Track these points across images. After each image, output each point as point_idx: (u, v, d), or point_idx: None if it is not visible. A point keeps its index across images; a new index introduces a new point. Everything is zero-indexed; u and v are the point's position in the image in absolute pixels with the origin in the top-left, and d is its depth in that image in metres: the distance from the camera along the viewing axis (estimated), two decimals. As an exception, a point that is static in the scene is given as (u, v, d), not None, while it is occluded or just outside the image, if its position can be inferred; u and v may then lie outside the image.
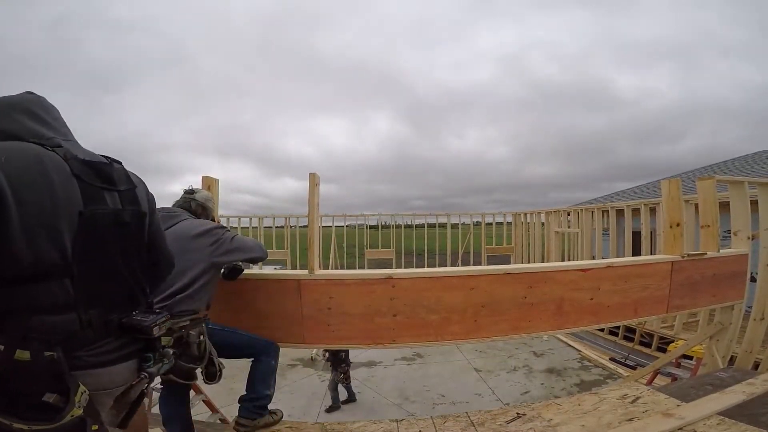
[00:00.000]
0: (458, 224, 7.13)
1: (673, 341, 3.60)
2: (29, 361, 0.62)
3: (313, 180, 1.57)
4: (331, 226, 6.98)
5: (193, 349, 1.23)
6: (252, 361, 1.49)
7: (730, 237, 2.41)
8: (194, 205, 1.56)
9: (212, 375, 1.31)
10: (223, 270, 1.48)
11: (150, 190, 0.87)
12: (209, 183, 1.88)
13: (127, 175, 0.83)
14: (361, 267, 6.73)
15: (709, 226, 2.16)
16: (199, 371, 1.25)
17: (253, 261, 1.47)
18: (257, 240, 1.57)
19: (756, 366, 2.51)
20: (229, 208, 6.94)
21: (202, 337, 1.28)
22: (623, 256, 4.38)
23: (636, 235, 4.47)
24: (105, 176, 0.77)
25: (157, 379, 1.04)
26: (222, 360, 1.37)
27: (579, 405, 1.52)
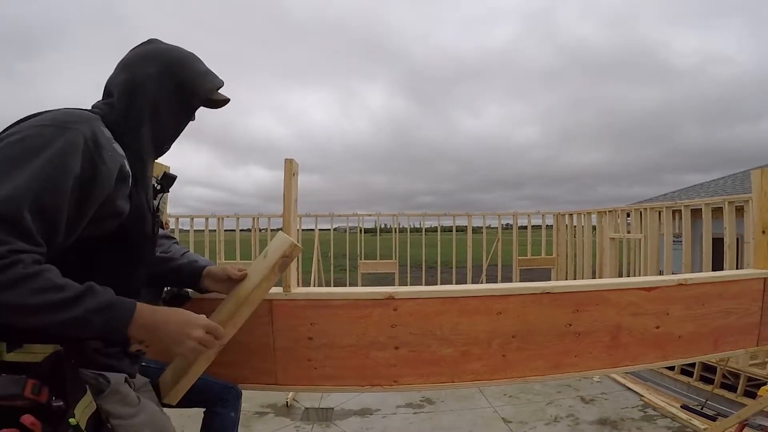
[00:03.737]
0: (482, 227, 7.15)
1: (765, 383, 3.61)
2: None
3: (290, 168, 1.58)
4: (313, 230, 6.99)
5: None
6: (204, 412, 1.50)
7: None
8: None
9: None
10: (163, 296, 1.49)
11: None
12: (156, 172, 1.88)
13: None
14: (353, 284, 6.75)
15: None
16: None
17: None
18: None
19: None
20: (177, 204, 6.94)
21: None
22: (700, 271, 4.39)
23: (717, 243, 4.48)
24: None
25: None
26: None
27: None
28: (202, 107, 1.18)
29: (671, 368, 4.61)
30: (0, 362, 0.84)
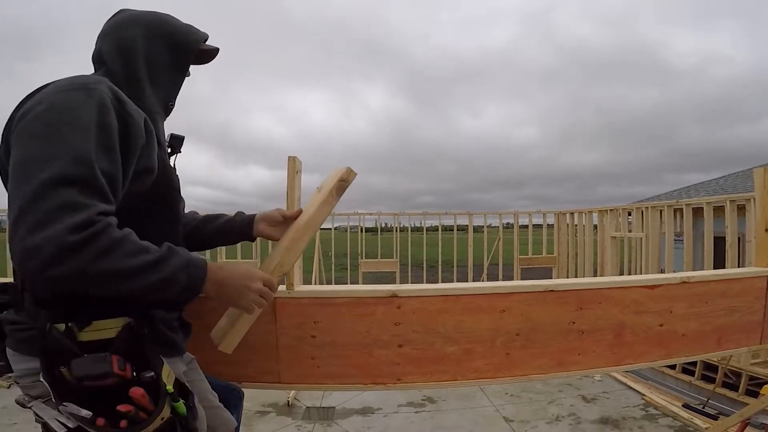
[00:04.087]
0: (483, 227, 7.15)
1: (767, 382, 3.60)
2: None
3: (293, 166, 1.57)
4: (314, 229, 6.99)
5: None
6: None
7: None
8: None
9: None
10: None
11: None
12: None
13: None
14: (354, 283, 6.75)
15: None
16: None
17: None
18: None
19: None
20: (178, 204, 6.92)
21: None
22: (702, 269, 4.38)
23: (719, 242, 4.47)
24: None
25: None
26: None
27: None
28: (195, 66, 1.16)
29: (673, 367, 4.61)
30: (78, 343, 0.82)
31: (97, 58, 1.03)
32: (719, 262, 4.46)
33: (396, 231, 7.03)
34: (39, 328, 0.82)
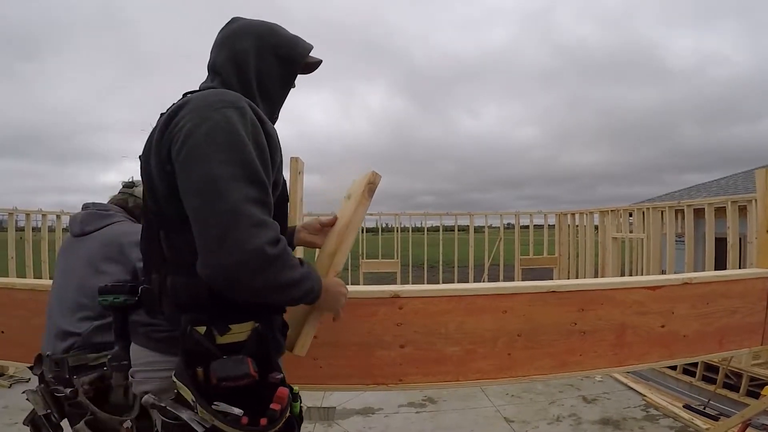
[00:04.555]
0: (484, 227, 7.15)
1: (768, 383, 3.60)
2: None
3: (296, 167, 1.58)
4: (315, 229, 6.99)
5: (118, 395, 1.25)
6: None
7: None
8: (132, 202, 1.57)
9: (145, 431, 1.32)
10: None
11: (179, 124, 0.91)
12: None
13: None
14: (355, 283, 6.75)
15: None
16: (127, 425, 1.25)
17: None
18: None
19: None
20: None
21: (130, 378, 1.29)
22: (703, 270, 4.38)
23: (720, 243, 4.47)
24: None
25: None
26: None
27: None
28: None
29: (674, 368, 4.60)
30: (216, 346, 0.87)
31: (213, 68, 1.06)
32: (720, 263, 4.45)
33: (397, 231, 7.04)
34: (181, 331, 0.87)
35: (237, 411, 0.82)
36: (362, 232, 7.17)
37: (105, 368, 1.27)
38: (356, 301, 1.58)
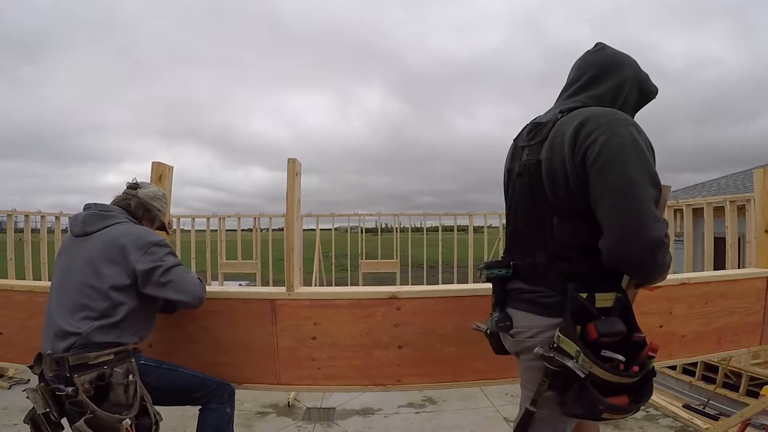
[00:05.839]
0: (483, 227, 7.14)
1: (767, 383, 3.60)
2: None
3: (293, 168, 1.58)
4: (314, 230, 6.99)
5: (118, 393, 1.26)
6: (200, 409, 1.50)
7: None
8: (134, 204, 1.57)
9: (145, 428, 1.32)
10: None
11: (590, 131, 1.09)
12: (161, 172, 1.88)
13: (554, 130, 1.16)
14: (355, 283, 6.75)
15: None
16: (126, 423, 1.26)
17: (179, 306, 1.49)
18: (198, 278, 1.52)
19: None
20: (179, 204, 6.97)
21: (131, 377, 1.30)
22: (701, 270, 4.38)
23: (719, 243, 4.47)
24: (532, 135, 1.24)
25: None
26: (159, 408, 1.38)
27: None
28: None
29: (673, 368, 4.60)
30: (596, 308, 1.07)
31: (579, 84, 1.26)
32: (719, 263, 4.45)
33: (396, 231, 7.03)
34: (568, 297, 1.07)
35: (620, 357, 1.02)
36: (361, 232, 7.17)
37: (105, 367, 1.28)
38: (354, 302, 1.58)
